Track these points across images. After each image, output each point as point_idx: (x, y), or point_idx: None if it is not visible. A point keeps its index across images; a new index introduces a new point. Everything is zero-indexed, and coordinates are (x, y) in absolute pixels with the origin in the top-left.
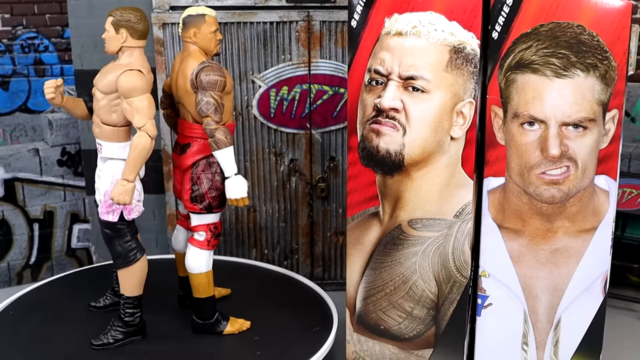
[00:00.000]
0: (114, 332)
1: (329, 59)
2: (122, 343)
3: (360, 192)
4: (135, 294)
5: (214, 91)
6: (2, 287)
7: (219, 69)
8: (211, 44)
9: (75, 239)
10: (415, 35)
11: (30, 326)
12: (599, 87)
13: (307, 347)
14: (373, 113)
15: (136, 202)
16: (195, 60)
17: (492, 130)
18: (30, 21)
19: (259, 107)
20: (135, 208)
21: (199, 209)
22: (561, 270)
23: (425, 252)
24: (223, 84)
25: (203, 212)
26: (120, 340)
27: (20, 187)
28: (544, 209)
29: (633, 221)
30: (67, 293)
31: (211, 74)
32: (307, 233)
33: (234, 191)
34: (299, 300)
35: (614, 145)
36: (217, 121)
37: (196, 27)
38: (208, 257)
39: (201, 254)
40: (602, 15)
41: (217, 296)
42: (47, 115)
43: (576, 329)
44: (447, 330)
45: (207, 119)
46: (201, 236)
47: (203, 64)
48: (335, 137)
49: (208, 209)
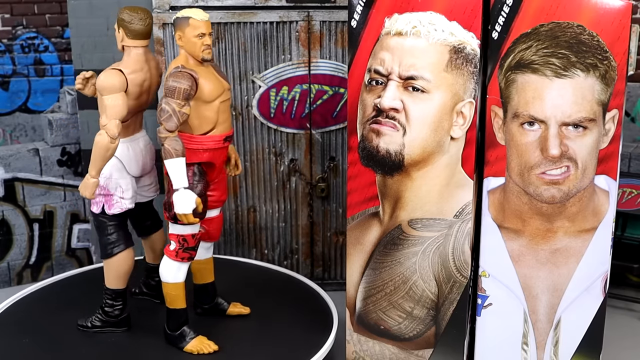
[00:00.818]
0: (94, 318)
1: (329, 59)
2: (101, 330)
3: (360, 192)
4: (112, 286)
5: (172, 98)
6: (2, 287)
7: (185, 76)
8: (196, 49)
9: (75, 239)
10: (415, 35)
11: (30, 326)
12: (599, 87)
13: (307, 347)
14: (373, 113)
15: (118, 198)
16: (174, 64)
17: (492, 130)
18: (30, 21)
19: (259, 107)
20: (116, 204)
21: (167, 217)
22: (561, 270)
23: (425, 252)
24: (184, 92)
25: (171, 221)
26: (98, 327)
27: (20, 187)
28: (544, 209)
29: (633, 221)
30: (68, 293)
31: (172, 80)
32: (307, 233)
33: (179, 206)
34: (299, 300)
35: (614, 145)
36: (168, 130)
37: (181, 30)
38: (177, 268)
39: (169, 264)
40: (602, 15)
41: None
42: (47, 115)
43: (576, 329)
44: (447, 330)
45: (160, 126)
46: (171, 245)
47: (176, 69)
48: (335, 137)
49: (174, 219)
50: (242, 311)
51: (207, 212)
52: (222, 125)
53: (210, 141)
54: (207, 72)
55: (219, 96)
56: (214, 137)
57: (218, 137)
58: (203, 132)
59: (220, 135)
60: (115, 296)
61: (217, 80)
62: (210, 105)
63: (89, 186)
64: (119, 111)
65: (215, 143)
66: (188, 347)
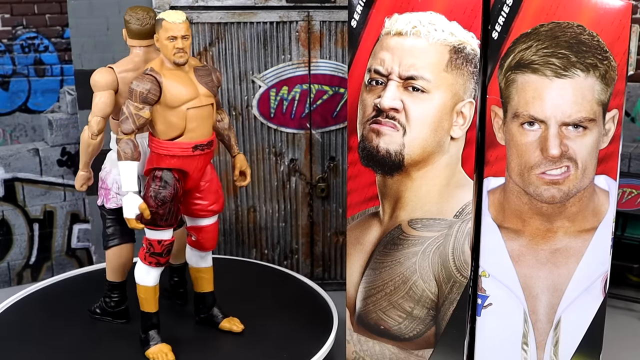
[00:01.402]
0: (97, 306)
1: (329, 59)
2: (101, 318)
3: (360, 192)
4: (110, 278)
5: (130, 100)
6: (2, 287)
7: (147, 79)
8: (167, 52)
9: (75, 239)
10: (415, 35)
11: (31, 326)
12: (599, 87)
13: (307, 347)
14: (373, 113)
15: (114, 194)
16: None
17: (492, 130)
18: (30, 21)
19: (259, 107)
20: (112, 199)
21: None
22: (561, 270)
23: (425, 252)
24: (141, 95)
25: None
26: (99, 315)
27: (20, 187)
28: (544, 209)
29: (633, 221)
30: (67, 294)
31: (134, 82)
32: (307, 233)
33: (124, 210)
34: (299, 300)
35: (614, 145)
36: (123, 132)
37: (157, 32)
38: (145, 272)
39: (140, 266)
40: (602, 15)
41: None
42: (47, 115)
43: (576, 329)
44: (447, 330)
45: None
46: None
47: (145, 71)
48: (335, 137)
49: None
50: (233, 328)
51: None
52: (192, 133)
53: (176, 148)
54: (180, 76)
55: (186, 102)
56: (181, 144)
57: (185, 144)
58: (169, 137)
59: (189, 143)
60: (112, 288)
61: (190, 86)
62: (175, 111)
63: (77, 179)
64: (103, 108)
65: (183, 150)
66: (148, 352)
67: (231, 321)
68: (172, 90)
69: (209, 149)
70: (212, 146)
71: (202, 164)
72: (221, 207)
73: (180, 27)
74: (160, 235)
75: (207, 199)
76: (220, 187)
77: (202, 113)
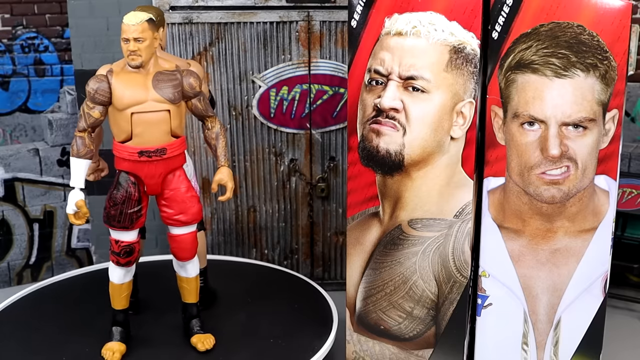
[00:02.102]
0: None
1: (329, 59)
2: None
3: (360, 192)
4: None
5: (85, 99)
6: (2, 287)
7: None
8: (124, 53)
9: (75, 239)
10: (415, 35)
11: (30, 326)
12: (599, 87)
13: (307, 347)
14: (373, 113)
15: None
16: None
17: (492, 130)
18: (30, 21)
19: (259, 107)
20: None
21: None
22: (561, 270)
23: (425, 252)
24: (89, 95)
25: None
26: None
27: (20, 187)
28: (544, 209)
29: (633, 221)
30: (67, 294)
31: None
32: (307, 233)
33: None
34: (299, 300)
35: (614, 145)
36: (77, 129)
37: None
38: (112, 268)
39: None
40: (602, 15)
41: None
42: (47, 115)
43: (576, 329)
44: (447, 330)
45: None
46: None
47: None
48: (335, 137)
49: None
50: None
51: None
52: (139, 138)
53: (125, 151)
54: (134, 79)
55: (130, 106)
56: (128, 148)
57: (132, 149)
58: (120, 140)
59: (135, 148)
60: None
61: (140, 89)
62: (122, 114)
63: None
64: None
65: (130, 155)
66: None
67: (201, 338)
68: (118, 92)
69: (159, 157)
70: (165, 154)
71: (155, 171)
72: (191, 218)
73: (133, 29)
74: (117, 235)
75: (171, 207)
76: (191, 198)
77: (149, 119)
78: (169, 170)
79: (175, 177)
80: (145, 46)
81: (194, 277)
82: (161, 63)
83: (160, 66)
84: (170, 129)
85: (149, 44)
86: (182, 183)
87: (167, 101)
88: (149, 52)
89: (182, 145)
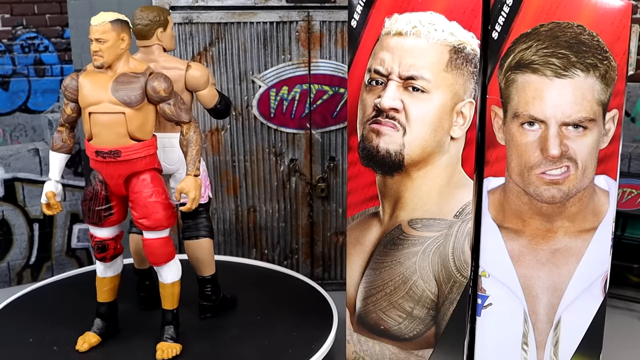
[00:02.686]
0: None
1: (329, 59)
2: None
3: (360, 192)
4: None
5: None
6: (2, 287)
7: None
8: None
9: (75, 239)
10: (415, 35)
11: (30, 326)
12: (599, 87)
13: (307, 347)
14: (373, 113)
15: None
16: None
17: (492, 130)
18: (30, 21)
19: (259, 107)
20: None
21: None
22: (561, 270)
23: (425, 252)
24: (63, 91)
25: None
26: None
27: (20, 187)
28: (544, 209)
29: (633, 221)
30: (68, 293)
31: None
32: (307, 233)
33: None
34: (299, 300)
35: (614, 145)
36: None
37: None
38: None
39: None
40: (602, 15)
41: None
42: (47, 115)
43: (576, 329)
44: (447, 330)
45: None
46: None
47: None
48: (335, 137)
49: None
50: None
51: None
52: (97, 138)
53: (88, 149)
54: (98, 79)
55: (89, 105)
56: (89, 147)
57: (91, 147)
58: (86, 138)
59: (93, 147)
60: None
61: (99, 90)
62: (84, 113)
63: None
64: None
65: (90, 153)
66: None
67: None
68: (82, 91)
69: (113, 159)
70: (119, 157)
71: (114, 172)
72: (155, 224)
73: (95, 29)
74: (92, 230)
75: (135, 211)
76: (154, 204)
77: (105, 120)
78: (129, 172)
79: (139, 181)
80: (107, 47)
81: (169, 283)
82: (133, 65)
83: (130, 68)
84: (126, 131)
85: (111, 45)
86: (147, 188)
87: (122, 104)
88: (111, 53)
89: (146, 149)
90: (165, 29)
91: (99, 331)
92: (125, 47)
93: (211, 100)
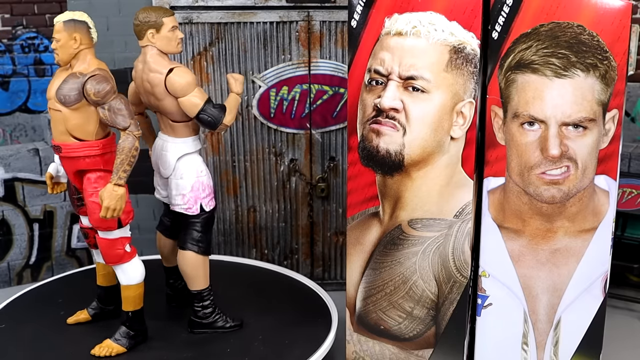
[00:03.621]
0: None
1: (329, 59)
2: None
3: (360, 192)
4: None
5: None
6: (2, 287)
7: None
8: None
9: (75, 239)
10: (415, 35)
11: (30, 326)
12: (599, 87)
13: (307, 347)
14: (373, 113)
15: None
16: None
17: (492, 130)
18: (30, 21)
19: (259, 107)
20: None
21: None
22: (561, 270)
23: (425, 252)
24: None
25: None
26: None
27: (20, 187)
28: (544, 209)
29: (633, 221)
30: (68, 293)
31: None
32: (307, 233)
33: None
34: (299, 300)
35: (614, 145)
36: None
37: None
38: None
39: None
40: (602, 15)
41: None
42: (47, 115)
43: (576, 329)
44: (447, 330)
45: None
46: None
47: None
48: (335, 137)
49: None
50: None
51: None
52: (53, 131)
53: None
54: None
55: (48, 100)
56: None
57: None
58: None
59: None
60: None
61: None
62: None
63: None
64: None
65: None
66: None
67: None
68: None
69: (59, 153)
70: (61, 152)
71: (65, 166)
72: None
73: (54, 28)
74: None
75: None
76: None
77: (52, 116)
78: (74, 169)
79: (85, 180)
80: (60, 46)
81: (124, 285)
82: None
83: (85, 68)
84: (65, 129)
85: (62, 44)
86: (90, 187)
87: (59, 102)
88: (64, 52)
89: (87, 149)
90: (158, 31)
91: (92, 311)
92: (78, 47)
93: (190, 109)
